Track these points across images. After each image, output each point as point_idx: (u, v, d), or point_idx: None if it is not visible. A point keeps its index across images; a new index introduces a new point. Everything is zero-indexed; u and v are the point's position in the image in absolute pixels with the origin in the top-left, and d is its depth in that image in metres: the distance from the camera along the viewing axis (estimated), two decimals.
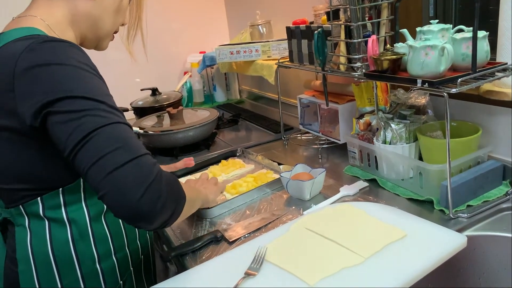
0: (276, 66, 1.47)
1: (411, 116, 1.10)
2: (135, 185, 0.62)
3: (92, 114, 0.64)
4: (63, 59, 0.67)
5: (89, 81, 0.68)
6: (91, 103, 0.65)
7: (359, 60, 1.09)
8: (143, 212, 0.63)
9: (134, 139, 0.66)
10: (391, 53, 0.98)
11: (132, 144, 0.65)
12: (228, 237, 0.94)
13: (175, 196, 0.69)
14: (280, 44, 1.55)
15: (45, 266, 0.76)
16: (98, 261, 0.79)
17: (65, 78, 0.66)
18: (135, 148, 0.65)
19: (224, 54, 1.66)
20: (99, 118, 0.64)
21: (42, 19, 0.77)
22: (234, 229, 0.97)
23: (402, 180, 1.07)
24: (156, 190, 0.63)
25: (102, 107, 0.66)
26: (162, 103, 1.82)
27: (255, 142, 1.55)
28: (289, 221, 0.97)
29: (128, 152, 0.63)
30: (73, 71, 0.67)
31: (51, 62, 0.66)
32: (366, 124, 1.22)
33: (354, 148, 1.20)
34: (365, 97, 1.24)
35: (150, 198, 0.63)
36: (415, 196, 1.01)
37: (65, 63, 0.67)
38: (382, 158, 1.10)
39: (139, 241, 0.88)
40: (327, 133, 1.39)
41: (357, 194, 1.08)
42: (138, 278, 0.89)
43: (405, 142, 1.07)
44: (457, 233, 0.82)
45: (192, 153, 1.53)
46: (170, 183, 0.68)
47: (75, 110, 0.64)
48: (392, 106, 1.21)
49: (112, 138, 0.64)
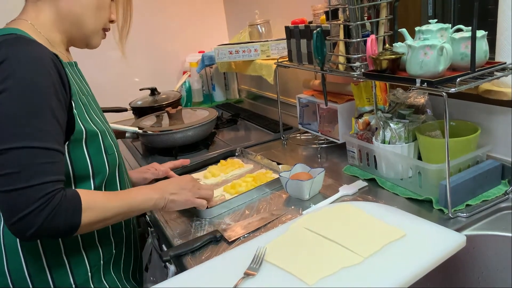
0: (275, 65, 1.47)
1: (410, 115, 1.10)
2: (7, 215, 0.70)
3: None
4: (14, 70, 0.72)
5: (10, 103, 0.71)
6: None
7: (358, 60, 1.09)
8: (16, 234, 0.72)
9: (36, 166, 0.71)
10: (390, 52, 0.98)
11: (26, 172, 0.70)
12: (228, 237, 0.94)
13: (63, 222, 0.73)
14: (279, 44, 1.55)
15: (14, 253, 0.82)
16: (65, 253, 0.85)
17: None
18: (25, 177, 0.70)
19: (223, 53, 1.66)
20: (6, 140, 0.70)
21: (31, 22, 0.84)
22: (234, 229, 0.97)
23: (401, 180, 1.07)
24: (29, 223, 0.70)
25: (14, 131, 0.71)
26: (161, 103, 1.82)
27: (254, 141, 1.55)
28: (288, 221, 0.97)
29: (16, 180, 0.70)
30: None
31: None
32: (365, 123, 1.22)
33: (353, 147, 1.20)
34: (364, 96, 1.24)
35: (20, 228, 0.71)
36: (414, 195, 1.01)
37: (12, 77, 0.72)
38: (381, 158, 1.10)
39: (112, 237, 0.93)
40: (326, 133, 1.39)
41: (356, 193, 1.08)
42: (108, 272, 0.92)
43: (404, 141, 1.07)
44: (456, 233, 0.82)
45: (191, 153, 1.53)
46: (60, 209, 0.72)
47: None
48: (391, 106, 1.21)
49: (10, 161, 0.70)
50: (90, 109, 0.89)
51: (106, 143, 0.88)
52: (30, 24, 0.84)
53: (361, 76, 1.06)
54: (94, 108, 0.91)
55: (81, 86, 0.90)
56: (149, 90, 1.87)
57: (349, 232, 0.85)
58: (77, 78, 0.90)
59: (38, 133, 0.71)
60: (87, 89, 0.93)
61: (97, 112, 0.92)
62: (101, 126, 0.88)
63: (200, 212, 1.04)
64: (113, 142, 0.92)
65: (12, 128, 0.70)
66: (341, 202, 1.03)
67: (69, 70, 0.86)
